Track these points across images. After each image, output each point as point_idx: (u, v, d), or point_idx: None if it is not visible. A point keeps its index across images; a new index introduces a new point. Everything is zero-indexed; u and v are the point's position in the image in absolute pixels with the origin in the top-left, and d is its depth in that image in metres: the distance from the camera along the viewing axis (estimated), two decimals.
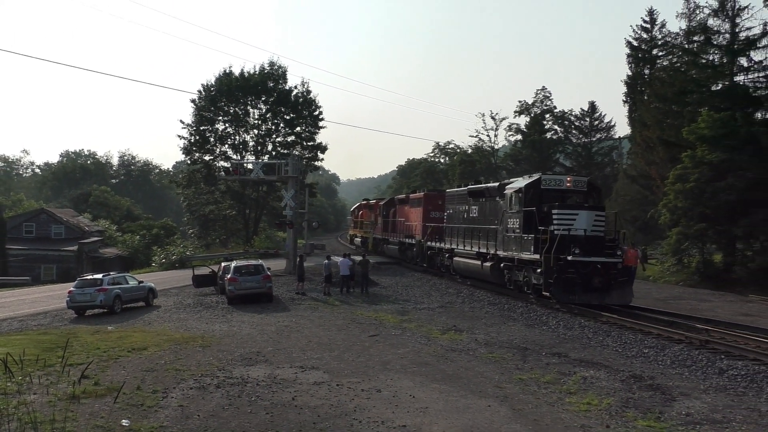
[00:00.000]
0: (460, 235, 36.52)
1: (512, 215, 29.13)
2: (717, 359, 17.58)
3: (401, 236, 50.30)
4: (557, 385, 15.30)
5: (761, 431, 12.02)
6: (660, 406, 13.58)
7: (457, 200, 38.93)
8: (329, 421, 12.49)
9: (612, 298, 25.77)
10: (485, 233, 32.38)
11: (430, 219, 43.63)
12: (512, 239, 29.04)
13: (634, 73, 61.74)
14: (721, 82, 44.82)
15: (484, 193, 34.26)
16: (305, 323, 24.85)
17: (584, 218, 26.26)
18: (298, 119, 71.72)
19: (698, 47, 46.38)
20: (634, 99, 59.96)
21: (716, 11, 44.74)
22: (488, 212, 33.13)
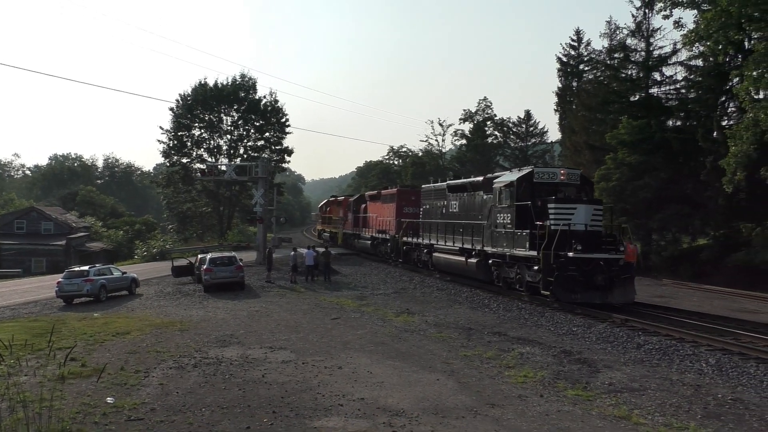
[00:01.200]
0: (440, 230, 32.79)
1: (502, 210, 25.42)
2: (635, 335, 18.02)
3: (373, 231, 46.65)
4: (498, 360, 15.44)
5: (672, 397, 12.29)
6: (586, 378, 13.81)
7: (434, 195, 35.40)
8: (295, 396, 12.47)
9: (615, 297, 21.99)
10: (468, 228, 28.86)
11: (404, 214, 40.41)
12: (502, 235, 25.34)
13: (563, 85, 62.45)
14: (638, 93, 45.57)
15: (466, 187, 30.75)
16: (274, 308, 24.74)
17: (583, 212, 22.85)
18: (267, 126, 72.01)
19: (618, 63, 47.11)
20: (563, 108, 60.67)
21: (633, 32, 45.56)
22: (470, 207, 29.84)
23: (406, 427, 10.51)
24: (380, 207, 45.26)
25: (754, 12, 30.64)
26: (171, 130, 70.79)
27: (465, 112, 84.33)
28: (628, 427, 10.48)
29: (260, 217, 43.03)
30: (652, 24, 44.76)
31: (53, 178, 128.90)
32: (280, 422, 10.89)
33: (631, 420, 10.82)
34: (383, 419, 10.94)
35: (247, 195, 66.15)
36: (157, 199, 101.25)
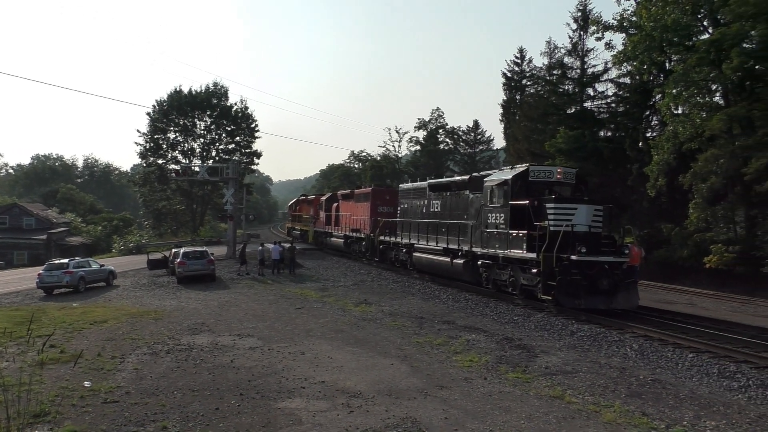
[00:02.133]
0: (421, 230, 29.61)
1: (494, 210, 22.39)
2: (569, 324, 18.28)
3: (347, 230, 43.34)
4: (446, 346, 15.53)
5: (600, 378, 12.53)
6: (526, 362, 13.97)
7: (413, 195, 32.16)
8: (262, 379, 12.39)
9: (618, 302, 19.30)
10: (454, 228, 25.76)
11: (378, 213, 37.46)
12: (494, 236, 22.32)
13: (508, 98, 63.01)
14: (574, 106, 46.27)
15: (450, 187, 27.82)
16: (242, 299, 24.51)
17: (584, 213, 20.05)
18: (238, 130, 71.72)
19: (557, 79, 47.80)
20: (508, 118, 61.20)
21: (570, 51, 46.36)
22: (454, 207, 26.81)
23: (362, 407, 10.53)
24: (353, 206, 42.29)
25: (674, 37, 31.49)
26: (148, 133, 70.27)
27: (419, 121, 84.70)
28: (562, 406, 10.65)
29: (230, 214, 42.71)
30: (587, 45, 45.68)
31: (35, 177, 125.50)
32: (247, 404, 10.81)
33: (564, 399, 11.01)
34: (342, 400, 10.94)
35: (218, 194, 65.62)
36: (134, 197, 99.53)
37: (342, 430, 9.42)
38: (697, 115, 30.61)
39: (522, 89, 61.03)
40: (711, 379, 12.57)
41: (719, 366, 13.32)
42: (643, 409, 10.58)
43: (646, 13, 31.40)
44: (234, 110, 71.71)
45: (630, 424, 9.71)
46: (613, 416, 10.07)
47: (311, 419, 9.96)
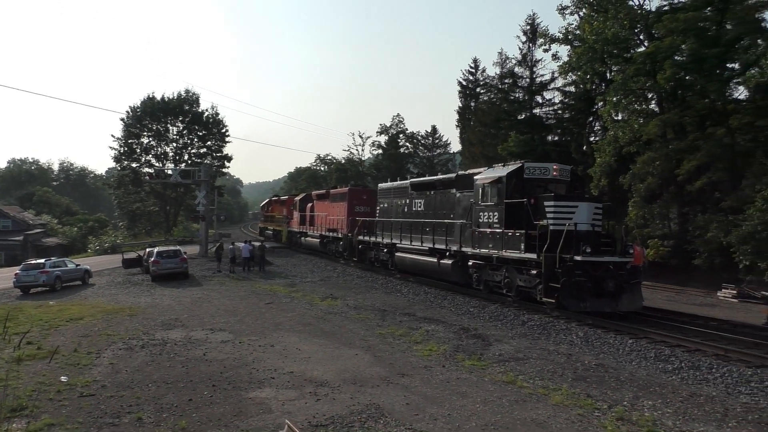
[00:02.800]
0: (404, 229, 27.24)
1: (487, 209, 20.28)
2: (521, 314, 18.40)
3: (322, 230, 40.84)
4: (407, 337, 15.57)
5: (549, 364, 12.71)
6: (481, 350, 14.09)
7: (393, 194, 29.96)
8: (233, 371, 12.26)
9: (623, 304, 17.21)
10: (441, 228, 23.69)
11: (356, 213, 35.25)
12: (487, 235, 20.21)
13: (463, 105, 63.35)
14: (524, 113, 46.89)
15: (435, 185, 25.60)
16: (214, 295, 24.18)
17: (585, 211, 18.03)
18: (209, 135, 70.77)
19: (508, 87, 48.38)
20: (463, 124, 61.57)
21: (520, 62, 47.06)
22: (439, 206, 24.72)
23: (329, 396, 10.50)
24: (329, 206, 39.98)
25: (613, 50, 32.15)
26: (122, 138, 68.89)
27: (381, 126, 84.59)
28: (514, 390, 10.78)
29: (203, 215, 42.12)
30: (535, 56, 46.46)
31: (11, 180, 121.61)
32: (219, 394, 10.69)
33: (516, 384, 11.14)
34: (310, 389, 10.89)
35: (191, 196, 64.75)
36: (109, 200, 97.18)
37: (310, 417, 9.39)
38: (635, 121, 31.29)
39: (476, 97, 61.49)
40: (648, 363, 12.87)
41: (655, 350, 13.65)
42: (588, 391, 10.78)
43: (588, 27, 32.01)
44: (205, 116, 70.88)
45: (576, 405, 9.89)
46: (560, 398, 10.23)
47: (280, 407, 9.90)
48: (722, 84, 28.40)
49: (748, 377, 11.48)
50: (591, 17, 32.97)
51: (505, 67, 49.74)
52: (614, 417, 9.35)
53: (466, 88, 62.68)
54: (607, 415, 9.48)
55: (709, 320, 17.31)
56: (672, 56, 28.59)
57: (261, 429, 8.94)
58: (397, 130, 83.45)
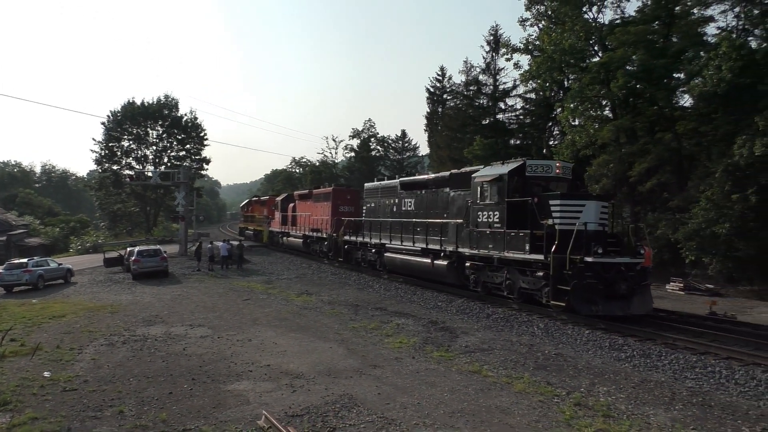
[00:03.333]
0: (394, 229, 25.50)
1: (487, 208, 18.60)
2: (486, 308, 18.49)
3: (306, 230, 38.62)
4: (379, 330, 15.59)
5: (512, 354, 12.84)
6: (448, 342, 14.17)
7: (381, 193, 28.22)
8: (212, 365, 12.14)
9: (635, 307, 15.71)
10: (434, 228, 22.05)
11: (340, 213, 33.45)
12: (487, 235, 18.56)
13: (431, 110, 63.49)
14: (488, 118, 47.18)
15: (427, 184, 23.90)
16: (194, 292, 23.88)
17: (593, 210, 16.43)
18: (188, 139, 69.83)
19: (473, 94, 48.66)
20: (431, 128, 61.73)
21: (484, 70, 47.34)
22: (431, 205, 23.14)
23: (304, 387, 10.47)
24: (312, 206, 37.81)
25: (570, 59, 32.60)
26: (103, 141, 67.60)
27: (354, 131, 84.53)
28: (479, 380, 10.87)
29: (182, 215, 41.56)
30: (498, 65, 46.77)
31: None
32: (198, 387, 10.58)
33: (482, 374, 11.24)
34: (286, 381, 10.84)
35: (170, 197, 63.80)
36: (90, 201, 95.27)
37: (286, 407, 9.34)
38: (591, 126, 31.76)
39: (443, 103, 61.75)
40: (603, 352, 13.10)
41: (610, 340, 13.88)
42: (548, 379, 10.93)
43: (547, 39, 32.41)
44: (184, 120, 70.04)
45: (537, 393, 10.02)
46: (522, 386, 10.36)
47: (258, 399, 9.84)
48: (669, 92, 29.03)
49: (693, 363, 11.76)
50: (549, 29, 33.41)
51: (470, 75, 50.06)
52: (572, 403, 9.49)
53: (434, 95, 62.90)
54: (565, 401, 9.62)
55: (658, 311, 17.66)
56: (624, 66, 29.12)
57: (239, 420, 8.87)
58: (369, 134, 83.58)
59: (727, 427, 8.58)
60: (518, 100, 46.45)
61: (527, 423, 8.63)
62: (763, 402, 9.70)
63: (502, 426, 8.52)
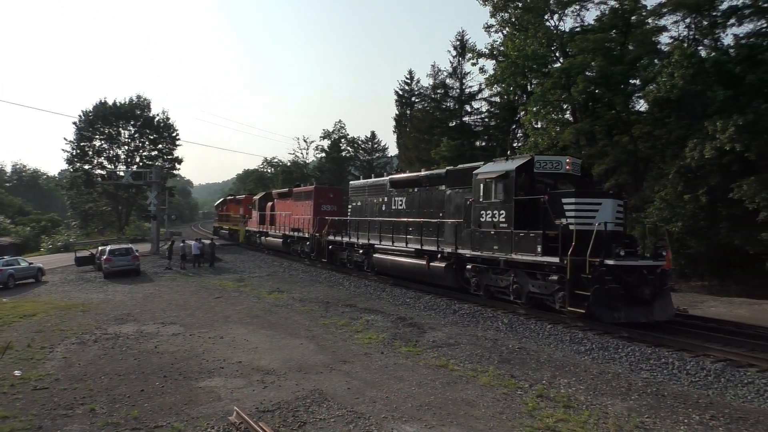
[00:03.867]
0: (384, 229, 23.81)
1: (492, 206, 16.95)
2: (452, 304, 18.58)
3: (285, 230, 36.40)
4: (349, 326, 15.56)
5: (478, 349, 12.95)
6: (416, 337, 14.22)
7: (369, 192, 26.46)
8: (184, 362, 11.96)
9: (657, 313, 14.33)
10: (430, 228, 20.59)
11: (322, 212, 31.82)
12: (491, 236, 16.94)
13: (400, 113, 63.57)
14: (455, 121, 47.45)
15: (420, 182, 22.29)
16: (165, 291, 23.48)
17: (609, 209, 15.04)
18: (160, 139, 68.62)
19: (440, 97, 48.93)
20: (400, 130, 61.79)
21: (451, 74, 47.67)
22: (425, 204, 21.62)
23: (275, 383, 10.39)
24: (292, 205, 35.92)
25: (533, 65, 33.02)
26: (74, 141, 65.97)
27: (324, 132, 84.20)
28: (446, 373, 10.94)
29: (154, 214, 40.84)
30: (464, 69, 47.13)
31: None
32: (170, 384, 10.41)
33: (448, 368, 11.31)
34: (257, 377, 10.74)
35: (142, 196, 62.57)
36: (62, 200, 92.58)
37: (257, 403, 9.26)
38: (553, 129, 32.22)
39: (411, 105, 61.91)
40: (564, 345, 13.31)
41: (571, 334, 14.10)
42: (512, 372, 11.05)
43: (511, 44, 32.78)
44: (156, 120, 68.91)
45: (501, 386, 10.12)
46: (487, 380, 10.46)
47: (229, 395, 9.73)
48: (626, 97, 29.64)
49: (648, 355, 12.03)
50: (513, 35, 33.81)
51: (437, 78, 50.29)
52: (535, 394, 9.62)
53: (403, 98, 63.02)
54: (528, 393, 9.75)
55: None
56: (583, 72, 29.60)
57: (211, 416, 8.75)
58: (339, 135, 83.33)
59: (678, 415, 8.80)
60: (483, 103, 46.92)
61: (492, 415, 8.72)
62: (712, 391, 9.98)
63: (467, 418, 8.59)
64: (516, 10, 34.15)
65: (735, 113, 21.86)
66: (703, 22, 27.51)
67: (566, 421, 8.42)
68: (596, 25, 31.50)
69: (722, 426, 8.37)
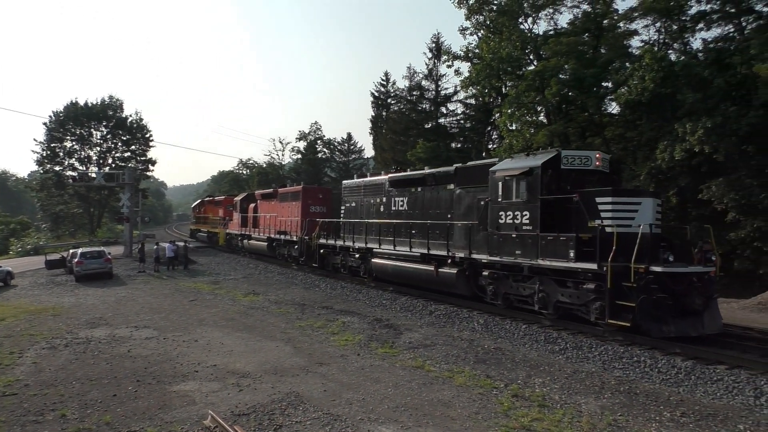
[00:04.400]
0: (383, 232, 22.09)
1: (513, 207, 15.31)
2: (429, 305, 18.59)
3: (270, 232, 34.31)
4: (325, 328, 15.51)
5: (454, 349, 13.02)
6: (393, 339, 14.23)
7: (365, 191, 24.63)
8: (157, 366, 11.78)
9: (707, 324, 12.88)
10: (435, 231, 18.98)
11: (311, 214, 29.99)
12: (512, 239, 15.31)
13: (376, 114, 63.53)
14: (431, 122, 47.70)
15: (425, 181, 20.39)
16: (139, 294, 23.12)
17: (650, 209, 13.65)
18: (133, 140, 67.69)
19: (416, 99, 49.11)
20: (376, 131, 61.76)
21: (426, 76, 47.91)
22: (430, 204, 19.93)
23: (251, 386, 10.30)
24: (278, 206, 33.89)
25: (508, 67, 33.32)
26: (45, 141, 64.70)
27: (300, 133, 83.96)
28: (422, 374, 10.97)
29: (127, 217, 40.17)
30: (440, 71, 47.41)
31: None
32: (144, 389, 10.25)
33: (425, 368, 11.34)
34: (233, 381, 10.64)
35: (115, 198, 61.64)
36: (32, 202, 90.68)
37: (232, 406, 9.17)
38: (527, 131, 32.54)
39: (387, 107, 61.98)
40: (539, 345, 13.44)
41: (545, 334, 14.24)
42: (488, 372, 11.13)
43: (486, 47, 33.06)
44: (129, 121, 67.94)
45: (477, 386, 10.18)
46: (463, 380, 10.51)
47: (204, 399, 9.62)
48: (598, 100, 30.12)
49: (620, 354, 12.21)
50: (488, 38, 34.10)
51: (413, 80, 50.45)
52: (510, 394, 9.70)
53: (379, 99, 63.06)
54: (503, 392, 9.82)
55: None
56: (557, 75, 30.00)
57: (185, 420, 8.64)
58: (315, 136, 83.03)
59: (650, 412, 8.95)
60: (459, 105, 47.27)
61: (468, 415, 8.76)
62: (683, 388, 10.18)
63: (444, 419, 8.62)
64: (490, 13, 34.47)
65: (704, 116, 22.36)
66: (672, 27, 28.12)
67: (541, 420, 8.51)
68: (569, 28, 31.99)
69: (692, 422, 8.54)
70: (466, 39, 41.45)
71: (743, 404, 9.36)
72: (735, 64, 23.35)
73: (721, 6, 25.79)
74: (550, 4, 33.19)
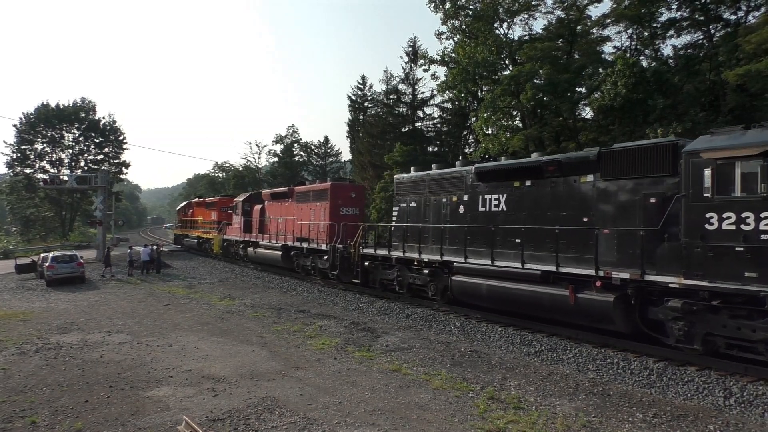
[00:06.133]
0: (474, 240, 16.71)
1: (735, 205, 10.35)
2: (405, 308, 18.62)
3: (287, 239, 27.92)
4: (302, 332, 15.41)
5: (430, 352, 13.04)
6: (370, 342, 14.21)
7: (431, 188, 19.21)
8: (131, 371, 11.58)
9: None
10: (567, 238, 13.93)
11: (341, 217, 24.55)
12: (736, 255, 10.26)
13: (353, 118, 63.50)
14: (408, 126, 47.95)
15: (540, 171, 14.95)
16: (112, 298, 22.70)
17: None
18: (106, 142, 66.69)
19: (393, 103, 49.32)
20: (353, 135, 61.77)
21: (403, 80, 48.21)
22: (548, 203, 14.80)
23: (226, 391, 10.19)
24: (294, 208, 28.33)
25: (483, 72, 33.62)
26: (14, 144, 63.32)
27: (277, 136, 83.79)
28: (399, 377, 10.97)
29: (100, 220, 39.48)
30: (416, 75, 47.74)
31: None
32: (116, 395, 10.06)
33: (401, 372, 11.35)
34: (207, 385, 10.51)
35: (88, 201, 60.52)
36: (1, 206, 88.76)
37: (207, 412, 9.06)
38: (503, 135, 32.87)
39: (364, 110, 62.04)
40: (515, 347, 13.55)
41: (521, 336, 14.36)
42: (464, 375, 11.17)
43: (462, 51, 33.30)
44: (102, 124, 66.91)
45: (453, 389, 10.22)
46: (440, 383, 10.54)
47: (178, 404, 9.48)
48: (572, 105, 30.58)
49: (594, 356, 12.37)
50: (464, 42, 34.36)
51: (390, 84, 50.63)
52: (486, 396, 9.76)
53: (356, 103, 63.09)
54: (480, 395, 9.87)
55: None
56: (532, 79, 30.39)
57: (159, 426, 8.51)
58: (292, 139, 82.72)
59: (623, 413, 9.08)
60: (435, 109, 47.64)
61: (444, 418, 8.79)
62: (655, 389, 10.35)
63: (420, 422, 8.63)
64: (466, 17, 34.77)
65: (674, 121, 22.84)
66: (644, 33, 28.68)
67: (516, 422, 8.57)
68: (544, 34, 32.42)
69: (664, 423, 8.69)
70: (442, 43, 42.00)
71: (713, 405, 9.55)
72: (704, 71, 23.92)
73: (690, 14, 26.40)
74: (525, 10, 33.63)
